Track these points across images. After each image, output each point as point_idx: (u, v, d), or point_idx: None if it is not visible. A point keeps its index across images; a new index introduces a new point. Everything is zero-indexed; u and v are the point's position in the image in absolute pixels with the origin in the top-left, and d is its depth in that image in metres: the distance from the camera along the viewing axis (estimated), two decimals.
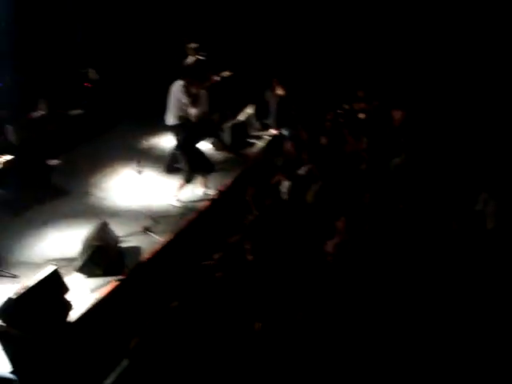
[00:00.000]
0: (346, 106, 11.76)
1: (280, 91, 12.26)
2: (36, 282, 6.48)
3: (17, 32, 11.55)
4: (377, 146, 10.00)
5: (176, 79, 9.85)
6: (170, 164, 10.47)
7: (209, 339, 5.74)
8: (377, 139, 10.24)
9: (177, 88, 9.83)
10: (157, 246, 8.16)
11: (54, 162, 11.13)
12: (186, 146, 9.40)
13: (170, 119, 9.90)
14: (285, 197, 8.80)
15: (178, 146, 9.73)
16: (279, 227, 7.47)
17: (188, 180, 9.33)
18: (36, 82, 11.56)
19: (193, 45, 11.75)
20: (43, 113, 10.87)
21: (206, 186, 9.67)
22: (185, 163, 9.39)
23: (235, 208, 9.96)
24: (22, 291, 6.30)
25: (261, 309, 6.16)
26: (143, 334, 5.80)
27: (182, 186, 9.36)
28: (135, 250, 8.04)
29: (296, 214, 8.03)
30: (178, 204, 9.29)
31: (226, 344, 5.73)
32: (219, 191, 9.74)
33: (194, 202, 9.44)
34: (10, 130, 10.30)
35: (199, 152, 9.46)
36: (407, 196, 8.28)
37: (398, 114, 10.54)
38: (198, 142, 9.60)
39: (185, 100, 9.83)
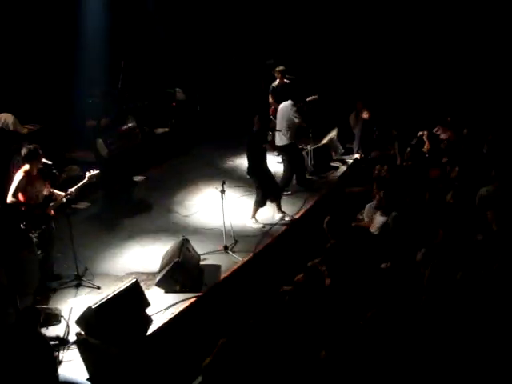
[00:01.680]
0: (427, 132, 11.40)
1: (365, 114, 12.12)
2: (116, 292, 6.61)
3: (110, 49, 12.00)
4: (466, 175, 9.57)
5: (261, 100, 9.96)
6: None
7: (277, 362, 5.65)
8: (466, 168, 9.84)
9: (288, 108, 10.17)
10: (235, 266, 8.18)
11: (140, 178, 11.43)
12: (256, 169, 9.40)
13: (282, 139, 10.22)
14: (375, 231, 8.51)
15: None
16: (359, 255, 7.30)
17: (259, 203, 9.31)
18: (126, 99, 11.91)
19: (280, 68, 11.84)
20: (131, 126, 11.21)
21: (282, 211, 9.58)
22: (257, 186, 9.36)
23: (314, 232, 9.88)
24: (101, 301, 6.45)
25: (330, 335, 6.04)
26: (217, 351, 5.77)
27: (256, 209, 9.37)
28: (214, 268, 8.09)
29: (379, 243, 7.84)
30: (254, 225, 9.29)
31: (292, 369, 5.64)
32: (296, 217, 9.65)
33: (274, 224, 9.41)
34: (100, 142, 10.64)
35: (270, 175, 9.47)
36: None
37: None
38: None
39: (298, 120, 10.22)
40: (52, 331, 6.54)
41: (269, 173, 9.47)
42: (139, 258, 8.44)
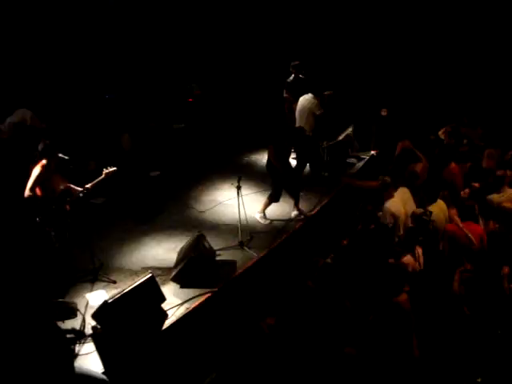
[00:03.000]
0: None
1: (383, 112, 12.07)
2: (132, 287, 6.64)
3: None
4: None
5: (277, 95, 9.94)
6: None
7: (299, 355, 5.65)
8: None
9: (308, 100, 10.35)
10: (251, 262, 8.17)
11: (156, 173, 11.46)
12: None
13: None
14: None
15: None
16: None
17: (272, 198, 9.25)
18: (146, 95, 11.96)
19: (295, 62, 11.84)
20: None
21: (298, 208, 9.52)
22: (273, 181, 9.27)
23: (328, 229, 9.85)
24: (117, 295, 6.48)
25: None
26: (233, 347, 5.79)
27: (267, 203, 9.32)
28: (230, 264, 8.08)
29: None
30: (263, 221, 9.27)
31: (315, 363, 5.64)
32: (311, 214, 9.60)
33: (290, 220, 9.39)
34: (126, 137, 10.69)
35: (290, 172, 9.38)
36: None
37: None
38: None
39: (319, 112, 10.39)
40: (68, 325, 6.59)
41: (289, 169, 9.38)
42: (155, 253, 8.46)
